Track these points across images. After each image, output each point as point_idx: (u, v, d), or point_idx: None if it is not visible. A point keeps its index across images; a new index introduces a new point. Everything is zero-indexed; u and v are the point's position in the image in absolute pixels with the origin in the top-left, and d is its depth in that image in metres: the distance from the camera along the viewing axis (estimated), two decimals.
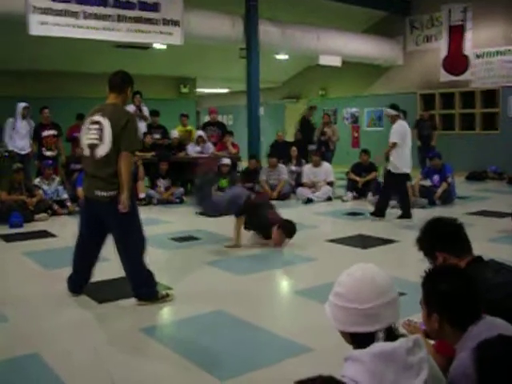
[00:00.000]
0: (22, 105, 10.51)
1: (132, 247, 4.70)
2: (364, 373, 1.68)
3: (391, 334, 1.78)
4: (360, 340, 1.77)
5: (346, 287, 1.82)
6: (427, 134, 13.55)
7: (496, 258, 2.96)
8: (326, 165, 11.44)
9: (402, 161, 8.56)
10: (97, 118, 4.57)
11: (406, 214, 8.68)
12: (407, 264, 5.97)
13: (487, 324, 2.04)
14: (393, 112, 8.69)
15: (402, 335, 1.82)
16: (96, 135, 4.53)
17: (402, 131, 8.57)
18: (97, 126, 4.54)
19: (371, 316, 1.76)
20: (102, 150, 4.50)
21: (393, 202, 9.34)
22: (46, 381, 3.39)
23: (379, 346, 1.71)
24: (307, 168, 11.46)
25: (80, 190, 9.12)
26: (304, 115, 14.19)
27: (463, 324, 2.06)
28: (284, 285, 5.77)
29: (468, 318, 2.06)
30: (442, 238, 2.80)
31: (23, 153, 10.53)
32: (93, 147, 4.55)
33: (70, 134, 11.61)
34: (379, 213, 8.74)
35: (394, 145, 8.49)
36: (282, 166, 11.52)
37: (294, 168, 12.07)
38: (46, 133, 10.88)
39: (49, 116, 10.98)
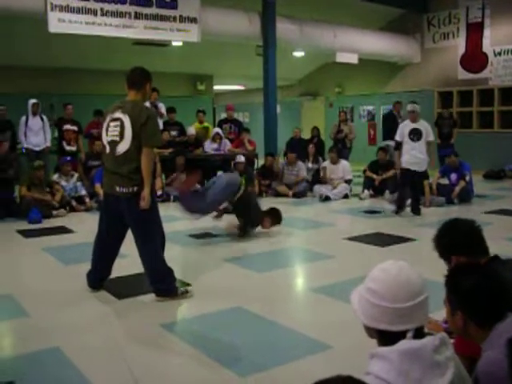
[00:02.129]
0: (31, 102, 10.61)
1: (151, 243, 4.73)
2: (390, 370, 1.67)
3: (419, 333, 1.77)
4: (388, 337, 1.76)
5: (382, 285, 1.79)
6: (447, 132, 13.44)
7: None
8: (343, 162, 11.41)
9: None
10: (117, 114, 4.60)
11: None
12: (425, 262, 5.90)
13: None
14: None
15: (429, 333, 1.81)
16: (116, 132, 4.56)
17: None
18: (117, 123, 4.57)
19: (404, 316, 1.74)
20: (123, 147, 4.52)
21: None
22: (67, 375, 3.43)
23: (406, 343, 1.70)
24: (325, 164, 11.46)
25: (98, 187, 9.21)
26: (391, 110, 13.81)
27: (489, 322, 2.03)
28: (302, 282, 5.77)
29: (493, 315, 2.04)
30: (458, 243, 2.79)
31: (38, 149, 10.62)
32: (113, 144, 4.59)
33: (88, 131, 11.68)
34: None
35: None
36: (300, 163, 11.54)
37: (310, 165, 12.07)
38: (66, 127, 11.04)
39: (72, 112, 11.15)
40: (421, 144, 8.59)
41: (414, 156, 8.61)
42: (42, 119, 10.71)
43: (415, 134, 8.59)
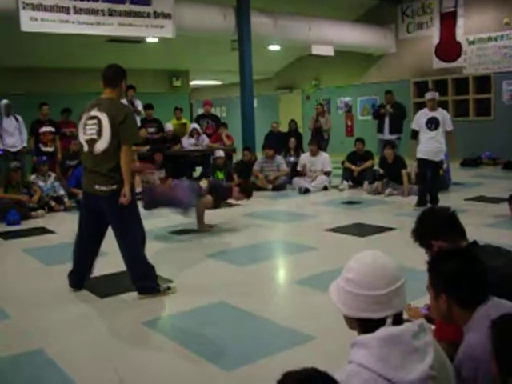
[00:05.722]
0: (3, 103, 10.45)
1: (132, 240, 4.72)
2: (370, 357, 1.70)
3: (398, 320, 1.80)
4: (367, 326, 1.78)
5: (358, 273, 1.82)
6: None
7: (494, 243, 2.99)
8: (323, 155, 11.43)
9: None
10: (94, 113, 4.57)
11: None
12: (404, 251, 5.96)
13: (495, 305, 2.06)
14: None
15: (407, 320, 1.84)
16: (94, 130, 4.53)
17: None
18: (95, 121, 4.53)
19: (383, 303, 1.77)
20: (101, 145, 4.50)
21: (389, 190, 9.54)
22: (51, 376, 3.41)
23: (385, 330, 1.73)
24: (305, 156, 11.46)
25: (72, 188, 9.31)
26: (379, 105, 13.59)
27: (471, 304, 2.08)
28: (285, 275, 5.80)
29: (476, 297, 2.08)
30: (436, 227, 2.86)
31: (15, 150, 10.49)
32: (91, 142, 4.56)
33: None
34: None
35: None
36: (279, 157, 11.52)
37: (292, 159, 12.10)
38: (43, 129, 10.95)
39: (47, 113, 11.04)
40: (438, 133, 8.29)
41: (430, 145, 8.33)
42: (16, 120, 10.58)
43: (432, 123, 8.30)
